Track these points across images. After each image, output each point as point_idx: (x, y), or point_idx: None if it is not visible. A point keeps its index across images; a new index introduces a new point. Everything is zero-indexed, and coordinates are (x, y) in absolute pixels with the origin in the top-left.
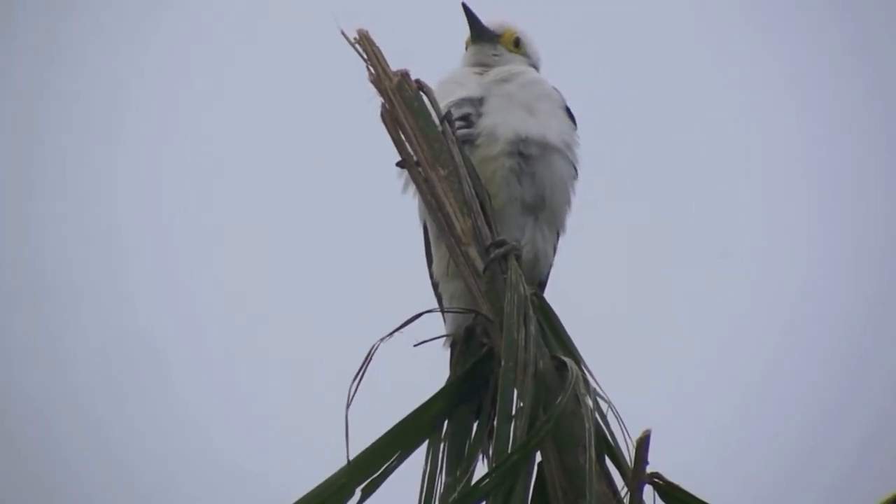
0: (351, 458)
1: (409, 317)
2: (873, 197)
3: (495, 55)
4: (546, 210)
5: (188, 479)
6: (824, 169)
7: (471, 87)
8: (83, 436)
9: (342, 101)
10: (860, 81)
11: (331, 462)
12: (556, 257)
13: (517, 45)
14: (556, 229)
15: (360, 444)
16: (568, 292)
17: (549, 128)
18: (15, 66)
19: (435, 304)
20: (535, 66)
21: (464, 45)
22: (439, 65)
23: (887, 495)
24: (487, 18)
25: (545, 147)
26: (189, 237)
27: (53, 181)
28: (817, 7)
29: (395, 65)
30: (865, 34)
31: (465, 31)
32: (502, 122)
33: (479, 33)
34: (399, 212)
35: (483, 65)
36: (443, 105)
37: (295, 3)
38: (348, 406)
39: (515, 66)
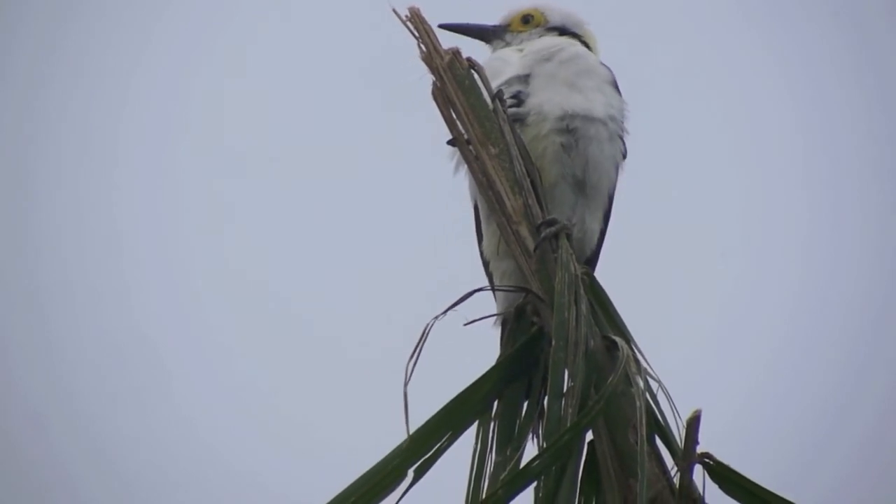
0: (401, 439)
1: (459, 296)
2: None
3: (509, 44)
4: (590, 185)
5: (185, 480)
6: (825, 168)
7: (516, 64)
8: (80, 437)
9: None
10: (859, 80)
11: (332, 463)
12: (606, 236)
13: (527, 21)
14: (603, 206)
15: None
16: (617, 271)
17: (594, 102)
18: (14, 66)
19: (485, 283)
20: (567, 29)
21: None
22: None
23: None
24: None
25: (590, 121)
26: (188, 237)
27: (53, 181)
28: (816, 7)
29: (445, 44)
30: (864, 34)
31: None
32: (548, 100)
33: (480, 36)
34: (450, 190)
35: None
36: (493, 84)
37: None
38: (406, 384)
39: (545, 40)
